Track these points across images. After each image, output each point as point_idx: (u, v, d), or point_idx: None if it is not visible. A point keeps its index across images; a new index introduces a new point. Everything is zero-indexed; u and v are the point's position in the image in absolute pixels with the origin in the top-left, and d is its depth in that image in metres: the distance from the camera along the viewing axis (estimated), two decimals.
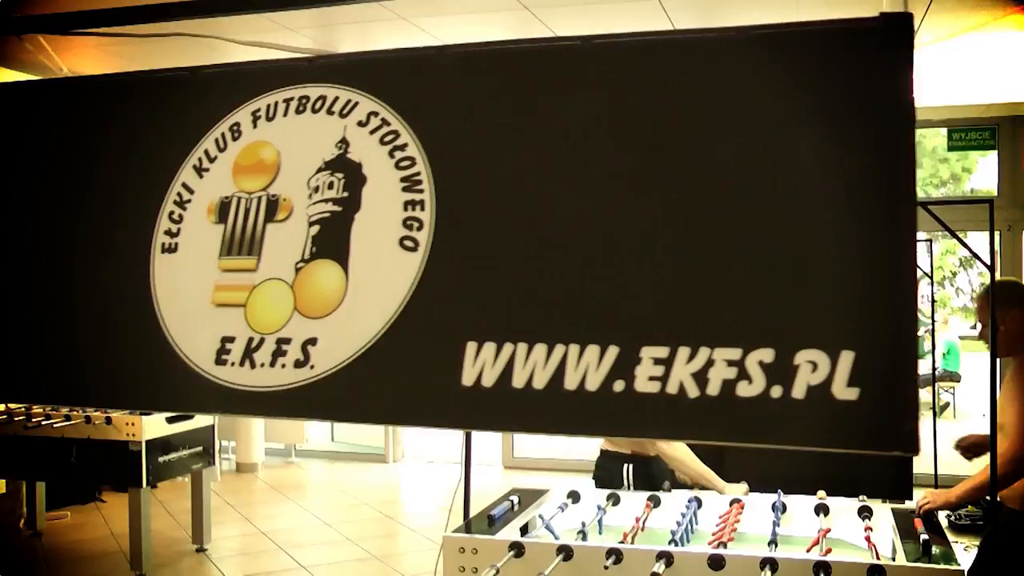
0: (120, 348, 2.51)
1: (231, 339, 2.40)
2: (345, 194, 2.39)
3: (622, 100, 2.26)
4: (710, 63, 2.23)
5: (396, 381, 2.27)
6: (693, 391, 2.04)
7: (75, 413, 6.96)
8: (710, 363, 2.04)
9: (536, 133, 2.31)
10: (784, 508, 3.48)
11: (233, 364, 2.38)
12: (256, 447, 10.02)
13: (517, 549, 2.68)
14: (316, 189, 2.43)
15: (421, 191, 2.33)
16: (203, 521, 7.66)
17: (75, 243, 2.62)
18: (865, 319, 1.99)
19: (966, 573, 2.76)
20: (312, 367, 2.31)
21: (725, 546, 3.04)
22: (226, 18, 2.83)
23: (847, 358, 1.96)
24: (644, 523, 3.35)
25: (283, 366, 2.34)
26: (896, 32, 2.11)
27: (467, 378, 2.19)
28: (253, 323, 2.40)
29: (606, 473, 5.57)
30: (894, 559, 2.78)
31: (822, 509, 3.42)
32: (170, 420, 7.36)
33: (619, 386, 2.08)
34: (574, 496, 3.71)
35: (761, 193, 2.12)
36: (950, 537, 3.40)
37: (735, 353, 2.03)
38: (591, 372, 2.11)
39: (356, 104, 2.45)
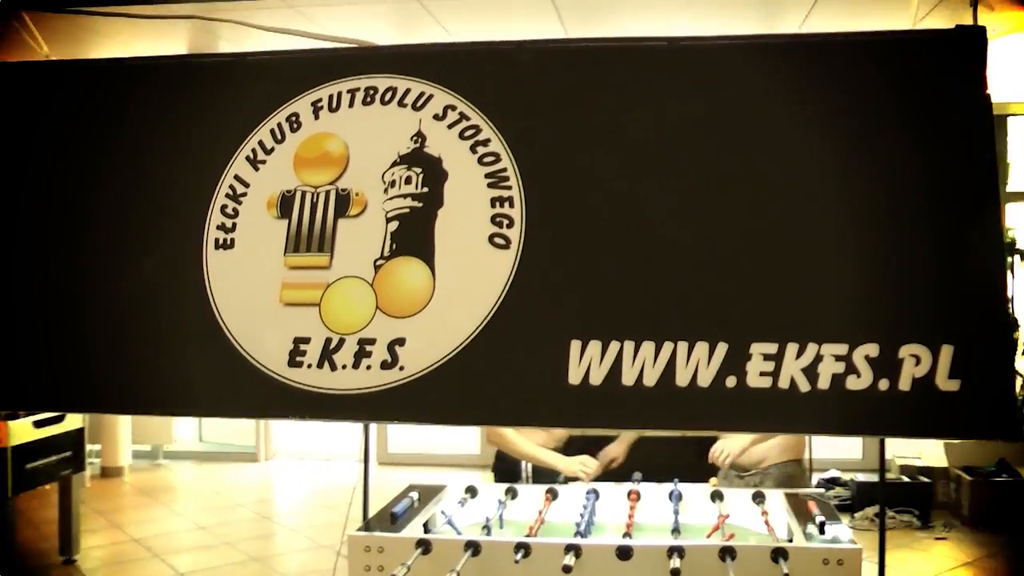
0: (175, 351, 2.35)
1: (306, 340, 2.30)
2: (425, 189, 2.33)
3: (713, 102, 2.30)
4: (796, 67, 2.31)
5: (496, 380, 2.23)
6: (805, 385, 2.11)
7: None
8: (819, 358, 2.12)
9: (625, 132, 2.32)
10: (681, 496, 3.60)
11: (310, 366, 2.28)
12: (122, 449, 9.49)
13: (424, 546, 2.66)
14: (392, 184, 2.35)
15: (509, 187, 2.30)
16: (71, 530, 7.20)
17: (119, 241, 2.42)
18: (961, 314, 2.12)
19: None
20: (402, 368, 2.25)
21: (630, 536, 3.12)
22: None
23: (947, 352, 2.08)
24: (544, 516, 3.39)
25: (368, 368, 2.26)
26: (969, 41, 2.25)
27: (574, 376, 2.18)
28: (330, 323, 2.30)
29: (505, 466, 5.61)
30: (791, 541, 2.93)
31: (717, 496, 3.56)
32: (37, 424, 6.89)
33: (731, 382, 2.13)
34: (472, 491, 3.71)
35: (855, 194, 2.21)
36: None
37: (842, 348, 2.12)
38: (702, 368, 2.15)
39: (430, 97, 2.38)
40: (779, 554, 2.52)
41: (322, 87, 2.44)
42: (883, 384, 2.09)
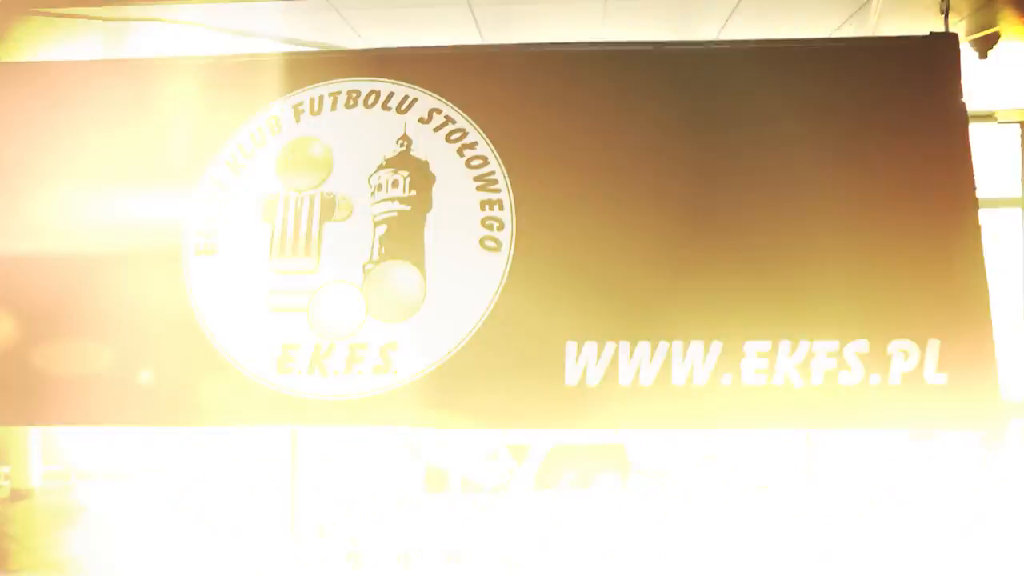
0: (159, 361, 2.26)
1: (295, 346, 2.25)
2: (412, 193, 2.30)
3: (699, 104, 2.33)
4: (774, 71, 2.35)
5: (493, 383, 2.21)
6: (799, 382, 2.15)
7: None
8: (811, 355, 2.16)
9: (611, 134, 2.33)
10: None
11: (300, 372, 2.23)
12: (33, 471, 9.10)
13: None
14: (379, 187, 2.32)
15: (498, 190, 2.29)
16: None
17: (96, 250, 2.33)
18: (947, 311, 2.18)
19: None
20: (395, 373, 2.21)
21: None
22: None
23: (934, 347, 2.14)
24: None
25: (360, 373, 2.22)
26: (942, 48, 2.33)
27: (571, 377, 2.18)
28: (319, 328, 2.26)
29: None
30: None
31: None
32: None
33: (727, 379, 2.16)
34: None
35: (840, 195, 2.26)
36: None
37: (833, 345, 2.16)
38: (698, 367, 2.17)
39: (415, 100, 2.36)
40: None
41: (302, 90, 2.40)
42: (874, 379, 2.14)
